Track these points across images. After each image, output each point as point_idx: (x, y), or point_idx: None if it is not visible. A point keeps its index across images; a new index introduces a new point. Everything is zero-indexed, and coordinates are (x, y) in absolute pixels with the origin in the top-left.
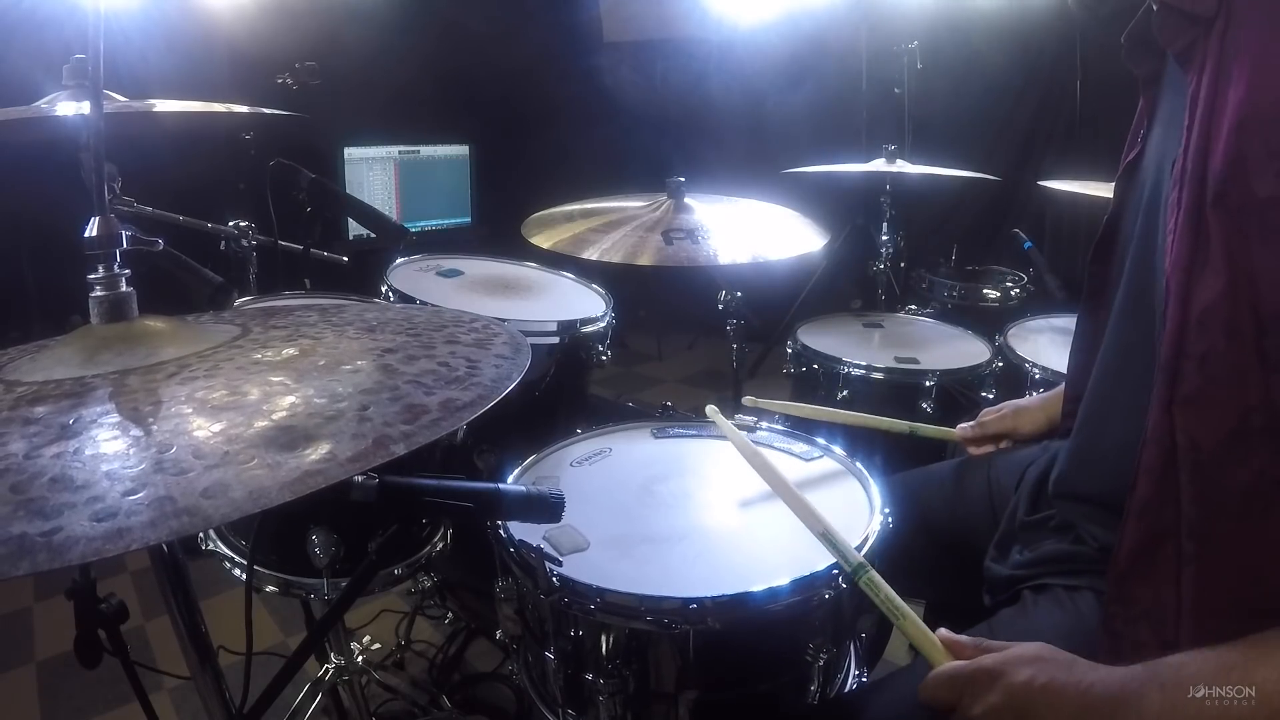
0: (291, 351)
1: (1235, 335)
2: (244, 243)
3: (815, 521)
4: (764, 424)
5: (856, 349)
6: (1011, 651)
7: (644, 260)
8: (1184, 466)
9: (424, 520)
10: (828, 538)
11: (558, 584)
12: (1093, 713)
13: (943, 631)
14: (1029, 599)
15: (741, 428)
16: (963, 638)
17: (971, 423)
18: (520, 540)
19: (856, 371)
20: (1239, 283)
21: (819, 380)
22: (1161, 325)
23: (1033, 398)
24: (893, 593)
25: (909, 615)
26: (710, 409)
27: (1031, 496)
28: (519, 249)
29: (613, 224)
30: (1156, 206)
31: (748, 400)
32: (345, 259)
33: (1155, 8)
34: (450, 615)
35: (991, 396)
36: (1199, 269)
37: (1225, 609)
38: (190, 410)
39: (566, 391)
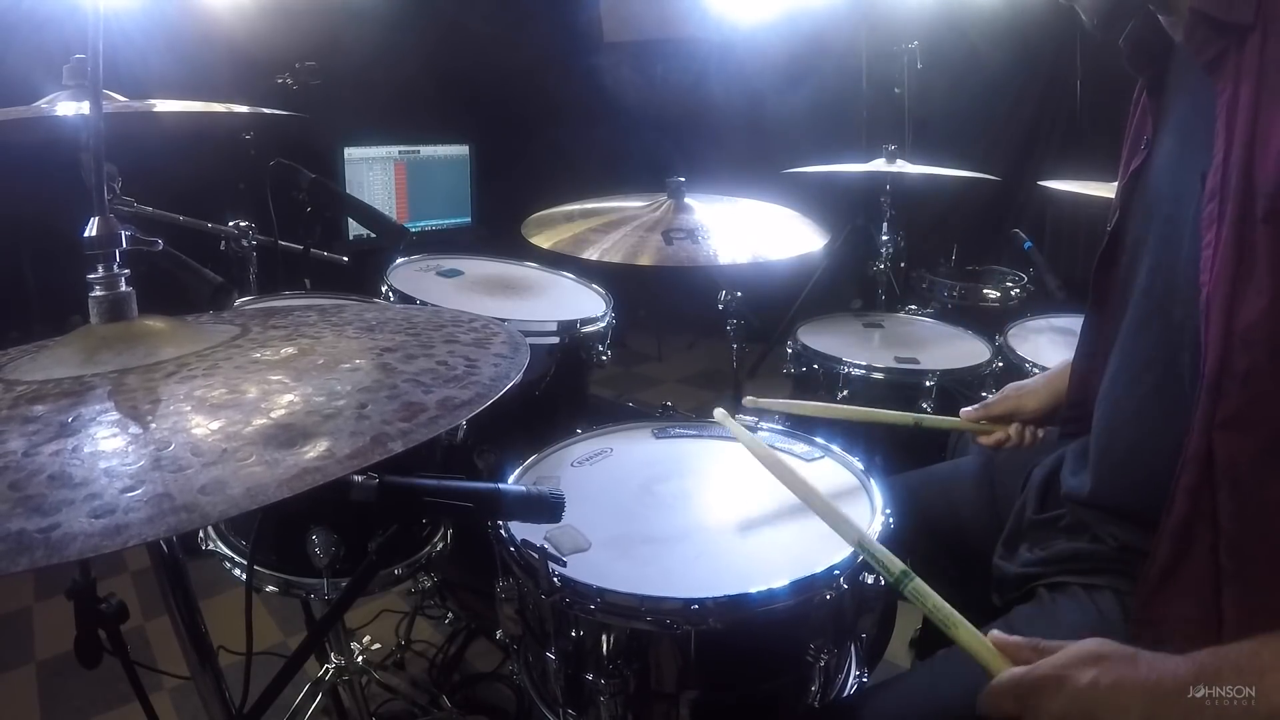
0: (290, 350)
1: (1278, 353)
2: (244, 243)
3: (850, 531)
4: (764, 424)
5: (856, 349)
6: (1070, 651)
7: (644, 260)
8: (1223, 485)
9: (424, 520)
10: (865, 547)
11: (558, 584)
12: (1162, 708)
13: (995, 634)
14: (1046, 596)
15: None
16: (1018, 639)
17: (976, 406)
18: (521, 540)
19: (856, 371)
20: None
21: (819, 380)
22: (1195, 342)
23: (1035, 378)
24: (940, 600)
25: (961, 623)
26: (719, 413)
27: (1040, 495)
28: (519, 249)
29: (613, 224)
30: (1179, 218)
31: (748, 401)
32: (345, 259)
33: (1185, 16)
34: (450, 615)
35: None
36: (1243, 285)
37: (1267, 623)
38: (189, 408)
39: (566, 391)
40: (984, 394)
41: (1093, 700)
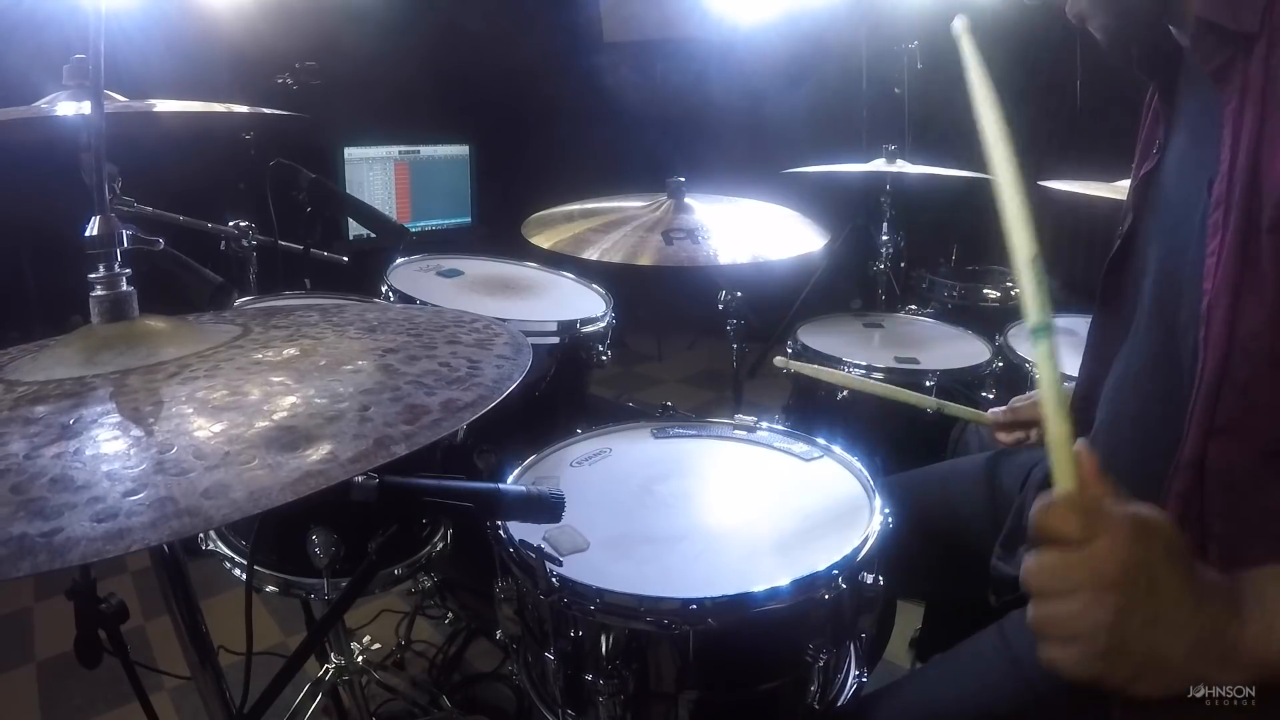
0: (292, 352)
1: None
2: (244, 243)
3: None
4: (764, 424)
5: (856, 349)
6: (1157, 513)
7: (644, 260)
8: (1214, 490)
9: (424, 520)
10: (1033, 266)
11: (557, 584)
12: (1207, 615)
13: (1082, 446)
14: None
15: (740, 428)
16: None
17: (1003, 408)
18: (520, 540)
19: (857, 371)
20: None
21: (819, 380)
22: (1195, 348)
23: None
24: (1057, 375)
25: (1062, 421)
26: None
27: (1038, 495)
28: (519, 249)
29: (613, 224)
30: (1186, 225)
31: (779, 362)
32: (345, 259)
33: (1192, 25)
34: (450, 615)
35: (991, 396)
36: (1246, 294)
37: None
38: (191, 410)
39: (566, 391)
40: (984, 394)
41: (1168, 565)
